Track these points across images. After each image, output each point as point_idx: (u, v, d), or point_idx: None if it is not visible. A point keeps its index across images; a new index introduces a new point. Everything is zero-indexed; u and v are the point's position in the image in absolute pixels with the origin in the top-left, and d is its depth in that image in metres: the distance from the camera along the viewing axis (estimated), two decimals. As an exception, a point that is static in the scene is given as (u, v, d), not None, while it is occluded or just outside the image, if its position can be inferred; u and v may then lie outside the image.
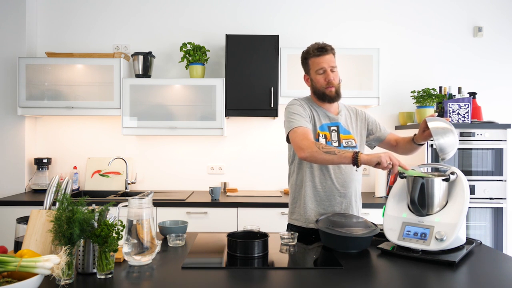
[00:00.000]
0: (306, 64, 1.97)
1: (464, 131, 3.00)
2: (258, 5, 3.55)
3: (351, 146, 1.93)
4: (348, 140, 1.94)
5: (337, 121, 1.95)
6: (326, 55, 1.89)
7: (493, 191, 2.98)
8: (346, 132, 1.95)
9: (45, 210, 1.44)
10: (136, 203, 1.46)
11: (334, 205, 1.90)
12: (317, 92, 1.94)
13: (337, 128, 1.94)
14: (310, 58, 1.93)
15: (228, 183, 3.48)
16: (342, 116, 1.99)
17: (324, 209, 1.91)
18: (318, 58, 1.89)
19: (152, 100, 3.19)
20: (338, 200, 1.90)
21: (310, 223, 1.91)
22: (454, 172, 1.60)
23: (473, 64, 3.57)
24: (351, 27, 3.55)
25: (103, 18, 3.53)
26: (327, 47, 1.90)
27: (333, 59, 1.91)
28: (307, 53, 1.95)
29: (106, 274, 1.29)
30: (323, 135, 1.91)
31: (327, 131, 1.93)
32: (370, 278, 1.34)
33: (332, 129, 1.93)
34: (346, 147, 1.91)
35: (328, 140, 1.90)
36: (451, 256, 1.46)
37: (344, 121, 1.98)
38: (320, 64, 1.89)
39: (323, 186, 1.90)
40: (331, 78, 1.88)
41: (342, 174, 1.91)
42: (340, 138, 1.92)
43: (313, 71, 1.92)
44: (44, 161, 3.35)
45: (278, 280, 1.31)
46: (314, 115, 1.95)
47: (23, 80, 3.17)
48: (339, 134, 1.93)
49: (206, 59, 3.35)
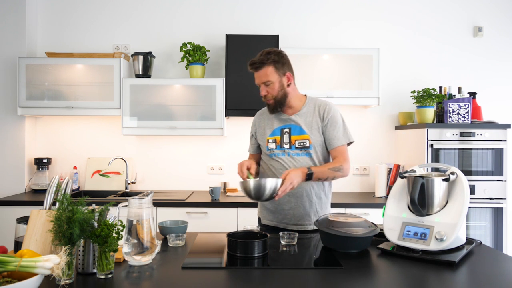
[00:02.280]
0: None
1: (464, 131, 3.00)
2: (258, 5, 3.55)
3: (304, 147, 1.94)
4: (300, 141, 1.94)
5: (290, 122, 1.97)
6: (259, 71, 1.90)
7: (493, 191, 2.98)
8: (301, 133, 1.94)
9: (45, 210, 1.44)
10: (136, 203, 1.46)
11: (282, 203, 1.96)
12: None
13: (289, 129, 1.97)
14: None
15: (228, 183, 3.47)
16: (301, 116, 1.96)
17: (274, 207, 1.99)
18: (254, 73, 1.93)
19: (152, 100, 3.19)
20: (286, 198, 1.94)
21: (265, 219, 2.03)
22: (454, 172, 1.60)
23: (473, 64, 3.57)
24: (351, 27, 3.55)
25: (103, 18, 3.53)
26: (257, 63, 1.88)
27: (266, 74, 1.88)
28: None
29: (106, 274, 1.29)
30: (272, 140, 1.98)
31: (278, 135, 1.98)
32: (370, 278, 1.34)
33: (285, 132, 1.97)
34: (298, 147, 1.94)
35: (278, 143, 1.97)
36: (451, 256, 1.46)
37: (301, 121, 1.95)
38: (256, 79, 1.94)
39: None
40: (261, 94, 1.94)
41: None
42: (291, 140, 1.95)
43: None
44: (44, 161, 3.35)
45: (278, 280, 1.31)
46: (266, 124, 2.03)
47: (23, 80, 3.17)
48: (290, 136, 1.95)
49: (206, 59, 3.35)
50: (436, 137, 2.99)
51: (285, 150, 1.96)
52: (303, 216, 1.96)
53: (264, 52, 1.91)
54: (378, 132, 3.56)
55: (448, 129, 2.99)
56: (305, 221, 1.96)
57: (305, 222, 1.96)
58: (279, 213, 1.99)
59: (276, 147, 1.97)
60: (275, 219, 2.00)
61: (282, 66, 1.91)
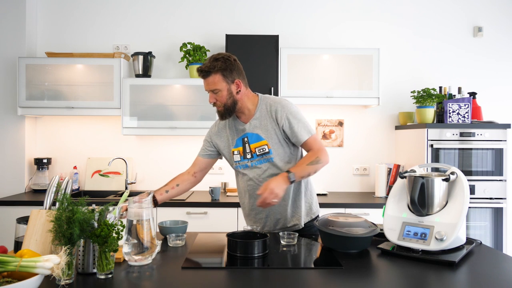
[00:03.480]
0: None
1: (464, 131, 3.00)
2: (258, 5, 3.55)
3: (264, 153, 1.86)
4: (260, 147, 1.87)
5: (245, 131, 1.90)
6: (207, 78, 1.80)
7: (493, 191, 2.98)
8: (258, 139, 1.87)
9: (45, 210, 1.44)
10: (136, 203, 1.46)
11: (257, 212, 1.94)
12: None
13: (247, 138, 1.90)
14: None
15: (228, 183, 3.47)
16: (254, 121, 1.89)
17: (253, 216, 1.96)
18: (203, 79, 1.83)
19: (152, 100, 3.19)
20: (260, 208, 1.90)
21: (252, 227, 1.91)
22: (454, 172, 1.60)
23: (473, 64, 3.57)
24: (351, 27, 3.55)
25: (103, 18, 3.53)
26: (204, 71, 1.79)
27: (214, 82, 1.79)
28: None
29: (106, 274, 1.29)
30: (237, 151, 1.92)
31: (240, 145, 1.92)
32: (370, 278, 1.34)
33: (245, 141, 1.91)
34: (260, 154, 1.87)
35: (241, 154, 1.91)
36: (451, 256, 1.46)
37: (255, 127, 1.88)
38: (204, 86, 1.85)
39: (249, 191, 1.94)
40: (210, 101, 1.86)
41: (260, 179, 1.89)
42: (251, 148, 1.89)
43: None
44: (44, 161, 3.35)
45: (278, 280, 1.31)
46: (228, 135, 1.95)
47: (23, 80, 3.17)
48: (249, 145, 1.89)
49: (206, 59, 3.34)
50: (436, 137, 2.99)
51: (248, 160, 1.89)
52: (282, 218, 1.92)
53: (212, 59, 1.80)
54: (378, 132, 3.56)
55: (448, 129, 3.00)
56: (288, 223, 1.92)
57: (287, 223, 1.92)
58: (259, 222, 1.96)
59: (241, 159, 1.91)
60: (260, 226, 1.96)
61: (230, 73, 1.81)
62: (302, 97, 3.18)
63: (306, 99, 3.17)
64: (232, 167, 1.99)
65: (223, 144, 1.98)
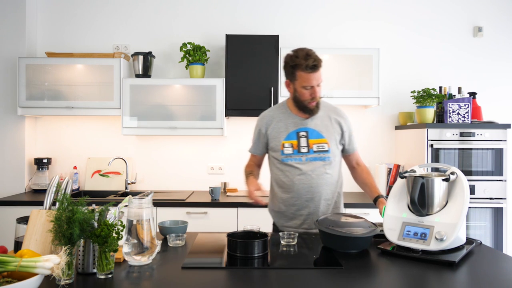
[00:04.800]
0: (293, 73, 1.88)
1: (464, 131, 3.00)
2: (258, 5, 3.55)
3: (323, 150, 1.92)
4: (319, 145, 1.93)
5: (306, 126, 1.95)
6: (317, 73, 1.84)
7: (493, 191, 2.98)
8: (318, 136, 1.94)
9: (45, 210, 1.44)
10: (136, 203, 1.46)
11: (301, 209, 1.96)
12: (299, 103, 1.93)
13: (307, 133, 1.94)
14: (298, 71, 1.85)
15: (228, 183, 3.47)
16: (316, 119, 1.96)
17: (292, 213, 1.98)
18: (308, 75, 1.83)
19: (152, 100, 3.19)
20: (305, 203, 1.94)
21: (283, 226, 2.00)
22: (454, 172, 1.60)
23: (473, 64, 3.57)
24: (351, 27, 3.55)
25: (103, 18, 3.53)
26: (318, 64, 1.83)
27: (321, 74, 1.86)
28: (296, 64, 1.84)
29: (106, 274, 1.29)
30: (288, 144, 1.94)
31: (295, 138, 1.94)
32: (370, 278, 1.34)
33: (301, 135, 1.94)
34: (317, 151, 1.92)
35: (295, 148, 1.93)
36: (451, 256, 1.46)
37: (316, 124, 1.95)
38: (310, 82, 1.84)
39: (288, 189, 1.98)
40: (316, 95, 1.88)
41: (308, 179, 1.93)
42: (309, 144, 1.93)
43: (300, 85, 1.87)
44: (44, 161, 3.35)
45: (278, 280, 1.31)
46: (281, 126, 1.97)
47: (23, 80, 3.17)
48: (308, 140, 1.93)
49: (206, 59, 3.35)
50: (436, 137, 2.99)
51: (303, 154, 1.93)
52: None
53: (314, 54, 1.84)
54: (378, 132, 3.56)
55: (448, 129, 2.99)
56: None
57: None
58: (298, 219, 1.98)
59: (293, 152, 1.93)
60: (294, 225, 1.99)
61: None
62: (302, 97, 3.17)
63: (306, 99, 3.17)
64: (276, 157, 1.99)
65: (274, 134, 1.99)
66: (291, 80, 1.93)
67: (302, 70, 1.83)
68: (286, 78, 1.95)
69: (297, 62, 1.83)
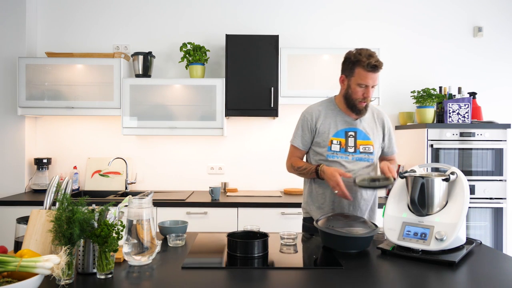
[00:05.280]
0: (352, 69, 1.89)
1: (464, 131, 3.00)
2: (258, 5, 3.55)
3: (368, 152, 1.95)
4: (365, 146, 1.95)
5: (356, 126, 1.96)
6: (375, 74, 1.85)
7: (493, 191, 2.98)
8: (365, 138, 1.96)
9: (45, 210, 1.44)
10: (136, 203, 1.46)
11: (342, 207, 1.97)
12: (350, 101, 1.92)
13: (355, 133, 1.95)
14: (358, 68, 1.86)
15: (228, 183, 3.47)
16: (364, 121, 1.98)
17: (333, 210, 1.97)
18: (367, 73, 1.84)
19: (152, 100, 3.19)
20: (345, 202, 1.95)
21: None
22: (454, 172, 1.60)
23: (473, 64, 3.57)
24: (351, 27, 3.55)
25: (103, 18, 3.53)
26: (379, 66, 1.84)
27: (378, 78, 1.88)
28: (357, 61, 1.85)
29: (106, 274, 1.29)
30: (337, 141, 1.94)
31: (343, 137, 1.94)
32: (370, 278, 1.34)
33: (350, 135, 1.95)
34: (363, 152, 1.94)
35: (343, 146, 1.93)
36: (451, 256, 1.46)
37: (364, 126, 1.98)
38: (367, 80, 1.85)
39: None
40: (369, 96, 1.89)
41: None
42: (357, 144, 1.94)
43: (356, 81, 1.88)
44: (44, 161, 3.35)
45: (278, 280, 1.31)
46: (330, 122, 1.96)
47: (23, 80, 3.17)
48: (356, 140, 1.94)
49: (206, 59, 3.35)
50: (436, 137, 2.99)
51: (350, 154, 1.93)
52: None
53: (376, 56, 1.85)
54: (378, 132, 3.55)
55: (448, 129, 2.99)
56: None
57: None
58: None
59: (340, 150, 1.94)
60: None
61: None
62: (302, 97, 3.18)
63: (306, 99, 3.16)
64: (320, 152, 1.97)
65: (322, 129, 1.97)
66: (347, 76, 1.93)
67: (362, 67, 1.84)
68: (342, 73, 1.96)
69: (359, 59, 1.84)
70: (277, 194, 3.25)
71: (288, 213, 2.92)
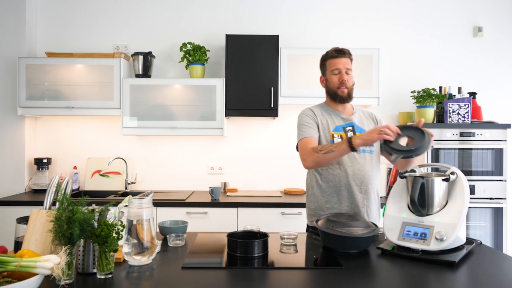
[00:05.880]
0: (324, 65, 2.04)
1: (464, 131, 3.00)
2: (258, 5, 3.55)
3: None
4: None
5: (352, 121, 2.01)
6: (343, 58, 1.98)
7: (493, 191, 2.98)
8: (362, 131, 1.98)
9: (45, 210, 1.44)
10: (136, 203, 1.46)
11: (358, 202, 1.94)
12: (330, 92, 2.02)
13: (353, 127, 1.99)
14: (328, 60, 2.01)
15: (228, 183, 3.47)
16: (356, 117, 2.04)
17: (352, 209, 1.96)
18: (335, 59, 1.98)
19: (152, 100, 3.19)
20: (360, 195, 1.93)
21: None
22: (454, 172, 1.60)
23: (473, 64, 3.57)
24: (351, 27, 3.55)
25: (103, 18, 3.53)
26: (345, 51, 1.99)
27: (349, 63, 2.00)
28: (325, 55, 2.03)
29: (106, 274, 1.29)
30: (338, 135, 1.96)
31: (342, 131, 1.98)
32: (370, 278, 1.34)
33: (348, 129, 1.99)
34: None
35: (344, 139, 1.94)
36: (451, 256, 1.46)
37: (358, 121, 2.03)
38: (336, 65, 1.97)
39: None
40: (344, 79, 1.96)
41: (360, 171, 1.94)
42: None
43: (329, 71, 2.00)
44: (44, 161, 3.35)
45: (278, 280, 1.31)
46: (328, 119, 2.01)
47: (23, 80, 3.17)
48: (355, 133, 1.97)
49: (206, 59, 3.35)
50: (436, 137, 2.99)
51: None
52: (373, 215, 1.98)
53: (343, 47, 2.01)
54: (378, 132, 3.55)
55: (448, 129, 2.99)
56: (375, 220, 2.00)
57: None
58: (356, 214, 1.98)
59: None
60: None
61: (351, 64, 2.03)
62: (302, 97, 3.18)
63: (306, 99, 3.17)
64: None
65: (322, 125, 2.00)
66: (323, 74, 2.06)
67: (330, 57, 2.00)
68: (321, 74, 2.08)
69: (327, 53, 2.02)
70: (277, 194, 3.25)
71: (288, 213, 2.92)
